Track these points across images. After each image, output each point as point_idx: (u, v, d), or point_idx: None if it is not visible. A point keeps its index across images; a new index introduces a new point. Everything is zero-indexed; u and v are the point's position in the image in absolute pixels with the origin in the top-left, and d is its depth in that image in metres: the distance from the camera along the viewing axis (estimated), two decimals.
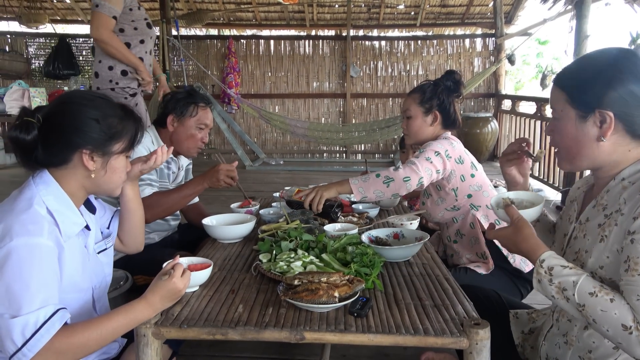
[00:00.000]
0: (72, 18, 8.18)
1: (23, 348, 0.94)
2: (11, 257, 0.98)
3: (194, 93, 2.09)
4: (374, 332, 1.05)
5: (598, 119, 1.03)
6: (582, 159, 1.08)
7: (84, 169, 1.16)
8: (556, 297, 0.99)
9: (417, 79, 7.68)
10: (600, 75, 1.02)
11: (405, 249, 1.46)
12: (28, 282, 0.98)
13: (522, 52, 9.95)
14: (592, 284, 0.96)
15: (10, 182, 6.03)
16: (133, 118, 1.25)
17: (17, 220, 1.04)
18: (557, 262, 1.01)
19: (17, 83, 6.80)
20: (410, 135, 2.01)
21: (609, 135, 1.02)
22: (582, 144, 1.06)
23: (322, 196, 1.73)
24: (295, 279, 1.19)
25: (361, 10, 7.79)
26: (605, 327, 0.93)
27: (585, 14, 4.07)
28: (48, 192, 1.13)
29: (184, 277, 1.13)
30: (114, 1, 2.59)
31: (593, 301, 0.94)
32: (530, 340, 1.30)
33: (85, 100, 1.18)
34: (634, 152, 1.04)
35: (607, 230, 1.02)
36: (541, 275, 1.02)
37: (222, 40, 7.73)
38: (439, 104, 1.94)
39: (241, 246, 1.67)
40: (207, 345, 2.08)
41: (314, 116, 7.80)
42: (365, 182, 1.73)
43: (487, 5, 7.51)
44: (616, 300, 0.93)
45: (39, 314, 0.96)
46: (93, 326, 1.02)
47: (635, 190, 1.00)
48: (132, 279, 1.81)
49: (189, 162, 2.32)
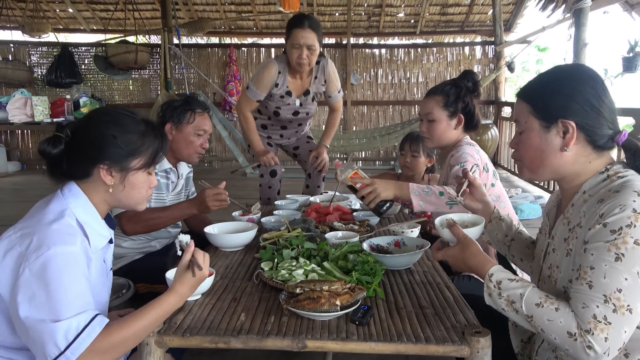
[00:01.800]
0: (75, 27, 8.23)
1: (66, 351, 0.96)
2: (50, 265, 1.01)
3: (190, 100, 2.10)
4: (376, 341, 1.05)
5: (561, 129, 1.07)
6: (545, 169, 1.12)
7: (103, 183, 1.19)
8: (506, 309, 1.03)
9: (417, 86, 7.72)
10: (562, 87, 1.07)
11: (406, 256, 1.47)
12: (67, 289, 1.01)
13: (521, 59, 9.98)
14: (537, 295, 1.00)
15: (12, 189, 6.04)
16: (154, 135, 1.25)
17: (51, 230, 1.07)
18: (505, 276, 1.06)
19: (20, 91, 6.85)
20: (432, 139, 1.96)
21: (571, 145, 1.06)
22: (546, 154, 1.10)
23: (378, 196, 1.69)
24: (297, 287, 1.20)
25: (361, 19, 7.84)
26: (553, 336, 0.96)
27: (583, 21, 4.10)
28: (77, 205, 1.16)
29: (205, 262, 1.17)
30: (261, 88, 2.70)
31: (540, 311, 0.98)
32: (527, 350, 1.30)
33: (106, 116, 1.21)
34: (594, 163, 1.08)
35: (571, 243, 1.05)
36: (491, 289, 1.06)
37: (223, 49, 7.78)
38: (464, 107, 1.90)
39: (243, 254, 1.68)
40: (209, 354, 2.08)
41: (315, 123, 7.81)
42: (428, 197, 1.68)
43: (486, 13, 7.56)
44: (561, 309, 0.96)
45: (79, 318, 0.99)
46: (130, 323, 1.04)
47: (592, 202, 1.03)
48: (134, 287, 1.82)
49: (189, 171, 2.33)
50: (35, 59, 7.75)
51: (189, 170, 2.32)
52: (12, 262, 1.04)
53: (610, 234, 0.95)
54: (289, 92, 2.74)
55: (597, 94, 1.05)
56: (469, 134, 1.98)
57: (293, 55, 2.56)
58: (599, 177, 1.07)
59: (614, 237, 0.94)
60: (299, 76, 2.73)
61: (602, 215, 0.97)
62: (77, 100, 6.89)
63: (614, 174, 1.04)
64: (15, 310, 1.00)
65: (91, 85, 7.76)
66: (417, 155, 2.56)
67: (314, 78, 2.76)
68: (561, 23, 5.12)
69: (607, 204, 0.97)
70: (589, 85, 1.06)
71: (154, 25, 7.73)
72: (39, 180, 6.51)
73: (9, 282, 1.03)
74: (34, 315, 0.98)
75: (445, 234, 1.27)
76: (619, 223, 0.94)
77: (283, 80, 2.71)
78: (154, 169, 1.29)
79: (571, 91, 1.06)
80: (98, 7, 7.81)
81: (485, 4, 7.37)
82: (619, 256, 0.93)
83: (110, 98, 7.84)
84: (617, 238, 0.93)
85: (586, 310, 0.93)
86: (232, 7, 7.79)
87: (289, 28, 2.59)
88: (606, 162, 1.08)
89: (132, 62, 7.12)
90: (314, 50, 2.56)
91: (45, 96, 6.91)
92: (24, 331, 1.00)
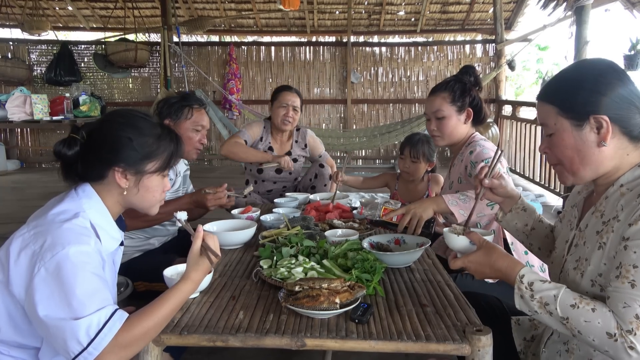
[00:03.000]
0: (74, 25, 8.21)
1: (89, 347, 0.96)
2: (66, 264, 1.01)
3: (187, 96, 2.12)
4: (376, 339, 1.04)
5: (594, 125, 1.03)
6: (586, 168, 1.07)
7: (118, 186, 1.18)
8: (539, 312, 1.00)
9: (417, 84, 7.70)
10: (585, 82, 1.04)
11: (406, 254, 1.46)
12: (85, 286, 1.01)
13: (522, 57, 9.95)
14: (572, 296, 0.97)
15: (12, 188, 6.03)
16: (170, 138, 1.25)
17: (65, 230, 1.07)
18: (536, 277, 1.03)
19: (19, 89, 6.82)
20: (443, 137, 1.94)
21: (609, 139, 1.03)
22: (584, 152, 1.05)
23: (422, 219, 1.63)
24: (296, 285, 1.19)
25: (362, 17, 7.82)
26: (591, 337, 0.93)
27: (585, 19, 4.08)
28: (90, 206, 1.16)
29: (216, 245, 1.17)
30: (250, 132, 2.85)
31: (576, 313, 0.95)
32: (532, 347, 1.29)
33: (122, 119, 1.21)
34: (632, 155, 1.05)
35: (605, 237, 1.02)
36: (523, 291, 1.02)
37: (223, 47, 7.76)
38: (471, 101, 1.89)
39: (242, 252, 1.67)
40: (207, 353, 2.07)
41: (315, 122, 7.81)
42: (467, 204, 1.64)
43: (487, 12, 7.54)
44: (597, 309, 0.94)
45: (100, 314, 0.99)
46: (149, 315, 1.04)
47: (632, 196, 1.00)
48: (133, 285, 1.81)
49: (186, 169, 2.32)
50: (35, 57, 7.73)
51: (186, 168, 2.32)
52: (27, 261, 1.04)
53: None
54: (271, 147, 2.90)
55: (622, 83, 1.02)
56: (476, 129, 1.96)
57: (279, 114, 2.78)
58: (637, 170, 1.03)
59: None
60: (279, 138, 2.93)
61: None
62: (76, 98, 6.86)
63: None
64: (33, 309, 1.00)
65: (91, 84, 7.73)
66: (416, 162, 2.57)
67: (294, 141, 2.94)
68: (562, 21, 5.11)
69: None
70: (612, 76, 1.03)
71: (154, 23, 7.71)
72: (38, 179, 6.50)
73: (25, 280, 1.03)
74: (54, 313, 0.99)
75: (460, 242, 1.19)
76: None
77: (266, 137, 2.90)
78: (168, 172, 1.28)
79: (596, 85, 1.03)
80: (98, 5, 7.78)
81: (486, 2, 7.34)
82: None
83: (110, 96, 7.82)
84: None
85: (628, 310, 0.90)
86: (232, 5, 7.77)
87: (276, 92, 2.84)
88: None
89: (132, 60, 7.11)
90: (297, 111, 2.83)
91: (44, 94, 6.88)
92: (44, 329, 1.01)
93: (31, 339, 1.12)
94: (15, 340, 1.12)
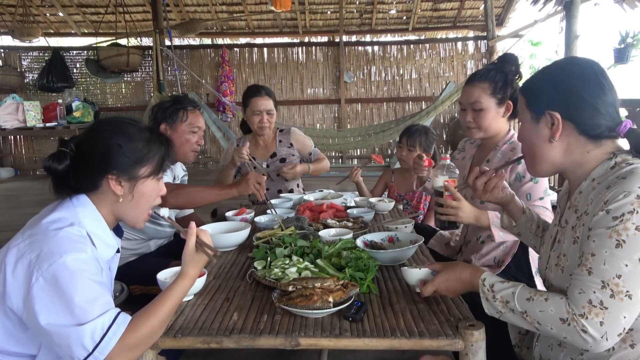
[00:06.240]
0: (66, 31, 8.19)
1: (94, 351, 0.97)
2: (63, 273, 1.01)
3: (180, 99, 2.11)
4: (369, 337, 1.04)
5: (549, 120, 1.08)
6: (541, 162, 1.12)
7: (113, 194, 1.18)
8: (503, 311, 1.04)
9: (410, 83, 7.72)
10: (551, 80, 1.09)
11: (400, 252, 1.46)
12: (84, 293, 1.01)
13: (514, 53, 10.03)
14: (528, 291, 1.02)
15: (5, 196, 6.00)
16: (160, 141, 1.25)
17: (60, 238, 1.07)
18: (496, 280, 1.08)
19: (11, 97, 6.79)
20: (481, 129, 1.80)
21: (558, 136, 1.07)
22: (537, 145, 1.11)
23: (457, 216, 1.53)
24: (289, 285, 1.19)
25: (353, 16, 7.83)
26: (549, 326, 0.96)
27: (574, 14, 4.10)
28: (86, 214, 1.16)
29: (209, 239, 1.19)
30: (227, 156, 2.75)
31: (531, 305, 0.99)
32: (525, 341, 1.30)
33: (109, 126, 1.20)
34: (594, 152, 1.07)
35: (578, 231, 1.04)
36: (486, 293, 1.07)
37: (216, 49, 7.76)
38: (512, 93, 1.76)
39: (236, 254, 1.67)
40: (203, 355, 2.07)
41: (309, 122, 7.81)
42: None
43: (478, 9, 7.56)
44: (550, 298, 0.98)
45: (103, 318, 1.00)
46: (152, 314, 1.05)
47: (600, 189, 1.02)
48: (128, 289, 1.80)
49: (184, 174, 2.32)
50: (27, 64, 7.71)
51: (184, 174, 2.32)
52: (24, 271, 1.03)
53: (612, 220, 0.94)
54: (252, 157, 2.77)
55: (585, 85, 1.04)
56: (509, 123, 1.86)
57: (254, 122, 2.69)
58: (607, 164, 1.05)
59: (616, 223, 0.93)
60: (262, 142, 2.82)
61: (607, 201, 0.96)
62: (69, 104, 6.84)
63: (622, 161, 1.03)
64: (34, 319, 1.00)
65: (83, 89, 7.72)
66: (412, 150, 2.64)
67: (278, 142, 2.83)
68: (553, 16, 5.13)
69: (612, 191, 0.97)
70: (578, 77, 1.06)
71: (145, 27, 7.69)
72: (32, 186, 6.47)
73: (22, 291, 1.03)
74: (56, 321, 0.99)
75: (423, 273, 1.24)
76: (621, 209, 0.93)
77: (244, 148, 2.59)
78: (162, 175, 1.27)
79: (559, 83, 1.07)
80: (89, 11, 7.76)
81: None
82: (620, 242, 0.92)
83: (103, 101, 7.80)
84: (618, 224, 0.93)
85: (582, 295, 0.94)
86: (224, 7, 7.77)
87: (246, 98, 2.71)
88: (609, 150, 1.06)
89: (124, 65, 7.09)
90: (272, 114, 2.72)
91: (37, 101, 6.86)
92: (47, 337, 1.00)
93: (28, 347, 1.12)
94: (10, 350, 1.11)
